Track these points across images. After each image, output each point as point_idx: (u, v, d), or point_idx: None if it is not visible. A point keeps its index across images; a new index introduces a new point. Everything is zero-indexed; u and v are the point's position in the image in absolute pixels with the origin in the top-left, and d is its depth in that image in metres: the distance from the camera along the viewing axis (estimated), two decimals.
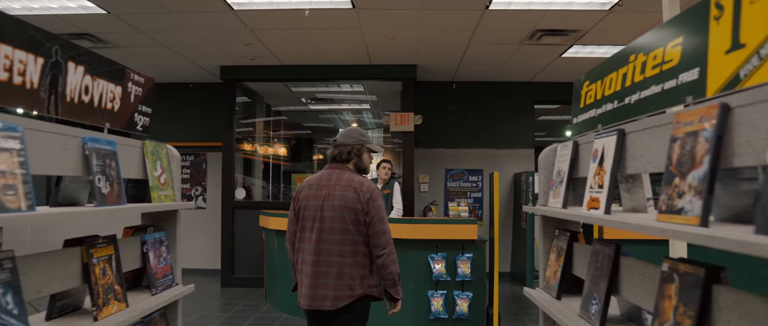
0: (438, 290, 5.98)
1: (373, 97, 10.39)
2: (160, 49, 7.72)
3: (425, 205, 9.33)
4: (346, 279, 3.04)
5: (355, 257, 3.07)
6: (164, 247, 2.48)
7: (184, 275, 8.97)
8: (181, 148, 9.53)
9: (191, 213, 9.62)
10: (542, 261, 2.56)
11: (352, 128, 3.42)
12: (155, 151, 2.46)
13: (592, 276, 2.01)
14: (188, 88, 9.70)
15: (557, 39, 7.16)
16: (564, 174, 2.28)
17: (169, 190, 2.48)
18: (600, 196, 1.87)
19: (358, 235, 3.08)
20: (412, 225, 6.08)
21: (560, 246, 2.39)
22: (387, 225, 3.14)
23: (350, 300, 3.04)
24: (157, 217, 2.56)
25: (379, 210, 3.11)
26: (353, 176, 3.21)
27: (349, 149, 3.28)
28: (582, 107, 2.31)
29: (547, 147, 2.57)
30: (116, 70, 2.19)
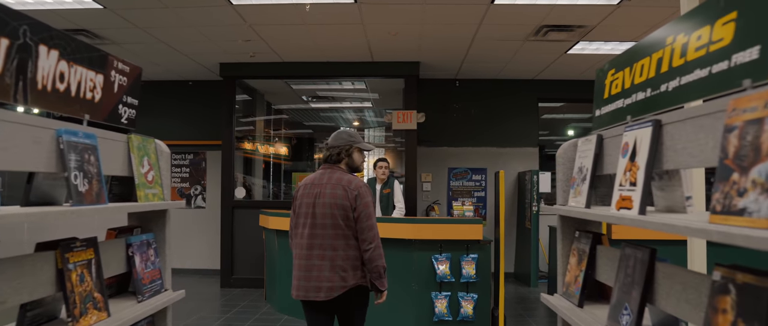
0: (442, 291, 5.78)
1: (374, 95, 10.18)
2: (158, 46, 7.51)
3: (428, 205, 9.12)
4: (339, 272, 3.23)
5: (347, 250, 3.27)
6: (152, 250, 2.27)
7: (182, 275, 8.68)
8: (180, 146, 9.42)
9: (190, 213, 9.42)
10: (561, 266, 2.34)
11: (341, 130, 3.60)
12: (142, 146, 2.25)
13: (622, 283, 1.80)
14: (187, 86, 9.49)
15: (563, 35, 6.95)
16: (587, 171, 2.07)
17: (157, 188, 2.28)
18: (633, 195, 1.66)
19: (348, 230, 3.29)
20: (416, 225, 5.87)
21: (582, 250, 2.18)
22: (374, 220, 3.33)
23: (343, 290, 3.23)
24: (144, 218, 2.35)
25: (366, 207, 3.30)
26: (343, 175, 3.41)
27: (338, 150, 3.49)
28: (606, 98, 2.10)
29: (566, 142, 2.36)
30: (97, 57, 1.98)
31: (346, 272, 3.25)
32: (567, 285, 2.26)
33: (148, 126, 9.40)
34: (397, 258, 5.85)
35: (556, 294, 2.34)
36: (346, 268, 3.25)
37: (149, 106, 9.41)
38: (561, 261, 2.34)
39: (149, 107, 9.42)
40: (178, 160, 9.46)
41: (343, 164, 3.51)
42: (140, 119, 8.23)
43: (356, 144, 3.53)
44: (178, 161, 9.46)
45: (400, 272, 5.86)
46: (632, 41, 7.20)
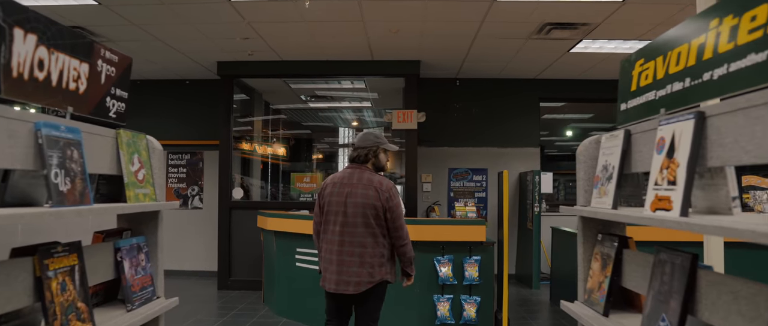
0: (444, 294, 5.62)
1: (374, 94, 10.00)
2: (154, 44, 7.32)
3: (428, 205, 8.95)
4: (367, 267, 3.48)
5: (375, 248, 3.52)
6: (143, 254, 2.09)
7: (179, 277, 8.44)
8: (177, 146, 9.23)
9: (187, 214, 9.23)
10: (582, 271, 2.17)
11: (368, 131, 3.80)
12: (132, 142, 2.07)
13: (657, 291, 1.62)
14: (184, 85, 9.30)
15: (567, 33, 6.78)
16: (614, 170, 1.90)
17: (148, 188, 2.10)
18: (672, 194, 1.48)
19: (377, 228, 3.53)
20: (417, 227, 5.70)
21: (606, 254, 2.01)
22: (403, 219, 3.62)
23: (370, 285, 3.50)
24: (135, 220, 2.17)
25: (397, 207, 3.57)
26: (373, 176, 3.63)
27: (366, 151, 3.69)
28: (634, 91, 1.92)
29: (587, 139, 2.18)
30: (81, 44, 1.80)
31: (373, 268, 3.50)
32: (589, 292, 2.09)
33: (144, 125, 9.18)
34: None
35: (577, 302, 2.17)
36: (373, 264, 3.51)
37: (146, 105, 9.24)
38: (582, 266, 2.17)
39: (146, 106, 9.25)
40: (175, 160, 9.27)
41: (370, 164, 3.73)
42: (136, 118, 8.06)
43: (382, 145, 3.76)
44: (175, 161, 9.27)
45: None
46: (636, 40, 7.05)
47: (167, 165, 9.28)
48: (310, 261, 6.14)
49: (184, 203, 9.24)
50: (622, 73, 2.05)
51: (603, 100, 9.36)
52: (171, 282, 8.75)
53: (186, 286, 8.42)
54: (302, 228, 6.18)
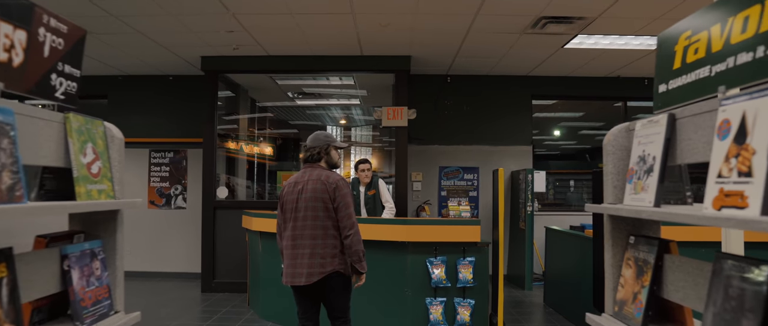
0: (437, 297, 5.30)
1: (363, 91, 9.66)
2: (135, 37, 6.93)
3: (418, 205, 8.64)
4: (318, 259, 3.57)
5: (325, 239, 3.60)
6: (98, 262, 1.74)
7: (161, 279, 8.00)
8: (160, 144, 8.82)
9: (170, 214, 8.84)
10: (610, 279, 1.85)
11: (317, 132, 3.91)
12: (86, 129, 1.72)
13: (720, 308, 1.31)
14: (168, 81, 8.91)
15: (562, 27, 6.49)
16: (655, 161, 1.58)
17: (105, 184, 1.75)
18: (746, 189, 1.17)
19: (327, 221, 3.62)
20: (409, 227, 5.38)
21: (642, 259, 1.70)
22: (352, 210, 3.66)
23: (321, 276, 3.57)
24: (90, 221, 1.82)
25: (344, 197, 3.63)
26: (322, 171, 3.75)
27: (317, 150, 3.82)
28: (677, 68, 1.61)
29: (616, 127, 1.87)
30: (17, 6, 1.45)
31: (324, 259, 3.58)
32: (620, 304, 1.77)
33: (125, 122, 8.82)
34: (389, 262, 5.36)
35: (606, 315, 1.85)
36: (324, 256, 3.58)
37: (127, 102, 8.86)
38: (611, 274, 1.85)
39: (127, 103, 8.86)
40: (157, 158, 8.88)
41: (323, 162, 3.85)
42: (117, 115, 7.65)
43: (332, 143, 3.88)
44: (157, 159, 8.88)
45: (393, 277, 5.37)
46: (632, 35, 6.78)
47: (150, 163, 8.89)
48: None
49: (167, 203, 8.84)
50: (661, 50, 1.74)
51: (595, 97, 9.12)
52: (153, 285, 8.41)
53: (168, 289, 8.03)
54: None
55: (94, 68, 8.40)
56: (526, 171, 7.98)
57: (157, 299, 7.38)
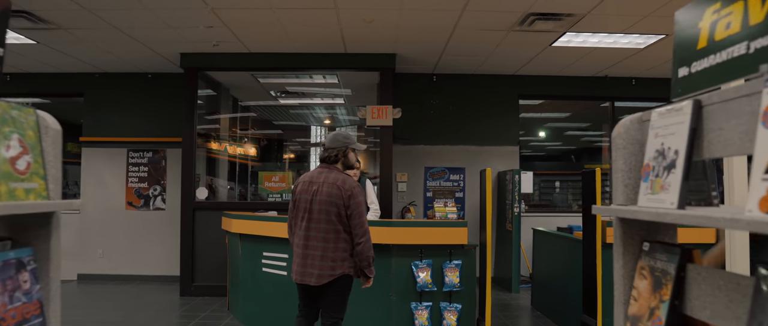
0: (423, 302, 5.06)
1: (347, 91, 9.41)
2: (111, 33, 6.62)
3: (403, 206, 8.40)
4: (329, 261, 3.65)
5: (337, 243, 3.67)
6: (27, 273, 1.47)
7: (139, 283, 7.70)
8: (139, 143, 8.48)
9: (149, 215, 8.52)
10: (621, 291, 1.61)
11: (337, 132, 3.95)
12: (11, 118, 1.45)
13: None
14: (146, 79, 8.59)
15: (551, 24, 6.28)
16: (678, 155, 1.34)
17: (36, 182, 1.48)
18: None
19: (339, 225, 3.68)
20: (394, 229, 5.14)
21: (660, 269, 1.45)
22: (365, 218, 3.75)
23: (331, 278, 3.67)
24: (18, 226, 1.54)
25: (358, 206, 3.70)
26: (339, 175, 3.78)
27: (335, 152, 3.84)
28: (703, 48, 1.37)
29: (626, 117, 1.63)
30: None
31: (335, 262, 3.66)
32: (634, 320, 1.53)
33: (103, 121, 8.51)
34: None
35: None
36: (335, 259, 3.66)
37: (105, 100, 8.56)
38: (621, 285, 1.61)
39: (105, 101, 8.56)
40: (136, 158, 8.55)
41: (340, 164, 3.87)
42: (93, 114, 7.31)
43: (351, 145, 3.89)
44: (136, 159, 8.55)
45: (377, 280, 5.05)
46: (621, 33, 6.60)
47: (128, 163, 8.56)
48: (277, 266, 5.53)
49: (145, 204, 8.52)
50: (680, 29, 1.50)
51: (583, 97, 8.95)
52: (130, 288, 8.09)
53: (145, 293, 7.72)
54: (269, 230, 5.57)
55: (69, 65, 8.07)
56: (513, 172, 7.77)
57: (134, 303, 7.08)
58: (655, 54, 7.37)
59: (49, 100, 9.27)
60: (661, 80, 8.59)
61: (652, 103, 9.49)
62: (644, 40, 6.84)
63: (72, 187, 10.40)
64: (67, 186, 11.05)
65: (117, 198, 8.53)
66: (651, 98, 9.04)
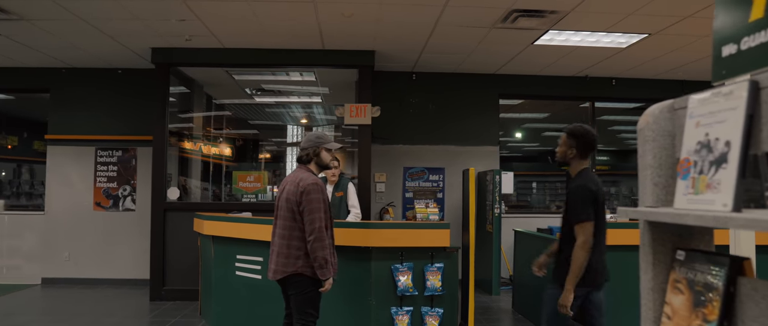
0: (403, 307, 4.82)
1: (325, 89, 9.11)
2: (77, 25, 6.25)
3: (382, 207, 8.14)
4: (283, 258, 3.68)
5: (291, 240, 3.68)
6: None
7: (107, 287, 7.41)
8: (108, 141, 8.06)
9: (118, 216, 8.12)
10: (649, 307, 1.36)
11: (311, 132, 3.96)
12: None
13: None
14: (116, 75, 8.19)
15: (534, 22, 6.09)
16: (730, 147, 1.11)
17: None
18: None
19: (295, 223, 3.69)
20: (373, 231, 4.89)
21: (702, 283, 1.21)
22: (318, 215, 3.63)
23: (284, 275, 3.68)
24: None
25: (310, 202, 3.63)
26: (303, 174, 3.79)
27: (307, 152, 3.85)
28: (759, 19, 1.14)
29: (655, 105, 1.38)
30: None
31: (288, 259, 3.66)
32: None
33: (70, 118, 8.08)
34: (351, 269, 4.84)
35: None
36: (288, 256, 3.66)
37: (72, 97, 8.18)
38: (649, 299, 1.36)
39: (72, 97, 8.18)
40: (104, 156, 8.15)
41: (313, 164, 3.88)
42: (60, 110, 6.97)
43: (323, 144, 3.86)
44: (104, 158, 8.15)
45: (356, 285, 4.86)
46: (604, 32, 6.45)
47: (96, 162, 8.15)
48: (251, 269, 5.24)
49: (114, 204, 8.12)
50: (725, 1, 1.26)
51: (563, 97, 8.80)
52: (98, 293, 7.68)
53: (114, 297, 7.34)
54: (242, 232, 5.27)
55: (34, 59, 7.65)
56: (494, 172, 7.57)
57: (101, 308, 6.72)
58: (636, 54, 7.24)
59: (12, 97, 8.81)
60: (641, 81, 8.49)
61: (632, 104, 9.47)
62: (626, 40, 6.69)
63: (38, 187, 9.94)
64: (33, 187, 10.57)
65: (84, 198, 8.12)
66: (631, 99, 8.98)
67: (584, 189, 3.37)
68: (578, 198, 3.36)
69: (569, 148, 3.51)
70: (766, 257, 3.01)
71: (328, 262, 3.65)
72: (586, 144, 3.47)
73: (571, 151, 3.50)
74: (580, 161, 3.52)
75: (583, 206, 3.33)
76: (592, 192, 3.36)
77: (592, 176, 3.48)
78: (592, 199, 3.35)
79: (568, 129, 3.53)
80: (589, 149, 3.49)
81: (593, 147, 3.51)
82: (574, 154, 3.50)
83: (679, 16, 5.87)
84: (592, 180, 3.43)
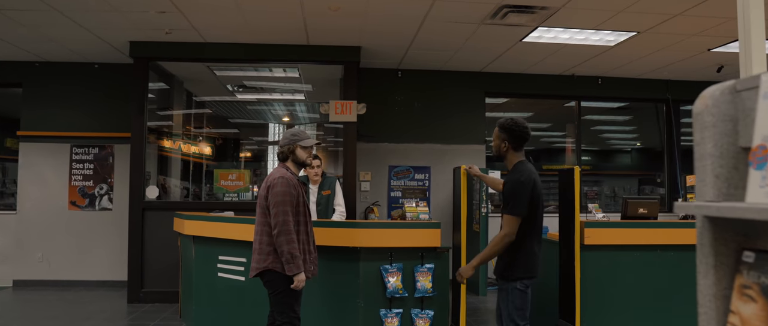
0: (392, 309, 4.64)
1: (308, 86, 8.87)
2: (52, 16, 5.95)
3: (367, 206, 7.94)
4: (256, 254, 3.64)
5: (262, 236, 3.63)
6: None
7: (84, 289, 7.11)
8: (84, 138, 7.72)
9: (95, 216, 7.80)
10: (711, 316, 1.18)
11: (288, 130, 3.95)
12: None
13: None
14: (93, 69, 7.86)
15: (524, 18, 5.94)
16: None
17: None
18: None
19: (264, 218, 3.64)
20: (361, 231, 4.72)
21: None
22: (282, 209, 3.54)
23: (257, 272, 3.63)
24: None
25: (275, 196, 3.56)
26: (276, 171, 3.73)
27: (283, 150, 3.78)
28: None
29: (712, 87, 1.21)
30: None
31: (260, 255, 3.60)
32: None
33: (44, 114, 7.76)
34: (339, 270, 4.65)
35: None
36: (261, 252, 3.60)
37: (46, 92, 7.85)
38: (711, 307, 1.18)
39: (46, 93, 7.86)
40: (80, 154, 7.82)
41: (290, 162, 3.79)
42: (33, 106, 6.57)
43: (298, 141, 3.76)
44: (80, 156, 7.82)
45: (344, 286, 4.66)
46: (593, 29, 6.34)
47: (71, 160, 7.82)
48: (234, 270, 5.00)
49: (90, 203, 7.80)
50: None
51: (549, 96, 8.70)
52: (74, 295, 7.34)
53: (90, 299, 7.03)
54: (225, 232, 5.04)
55: (5, 52, 7.29)
56: (481, 171, 7.38)
57: (77, 311, 6.43)
58: (623, 53, 7.16)
59: None
60: (627, 80, 8.44)
61: (616, 104, 9.41)
62: (615, 38, 6.59)
63: (10, 186, 9.55)
64: (4, 185, 10.16)
65: (59, 197, 7.77)
66: (616, 98, 8.93)
67: (517, 183, 3.41)
68: (510, 191, 3.42)
69: (502, 142, 3.54)
70: None
71: (295, 257, 3.52)
72: (518, 137, 3.50)
73: (504, 144, 3.53)
74: (515, 154, 3.54)
75: (514, 200, 3.37)
76: (524, 186, 3.38)
77: (527, 169, 3.48)
78: (526, 193, 3.38)
79: (499, 122, 3.56)
80: (521, 141, 3.52)
81: (525, 139, 3.53)
82: (507, 147, 3.52)
83: (669, 13, 5.77)
84: (525, 173, 3.44)
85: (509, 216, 3.40)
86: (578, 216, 4.78)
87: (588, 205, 5.55)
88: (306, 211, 3.77)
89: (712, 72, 7.94)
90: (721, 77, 8.22)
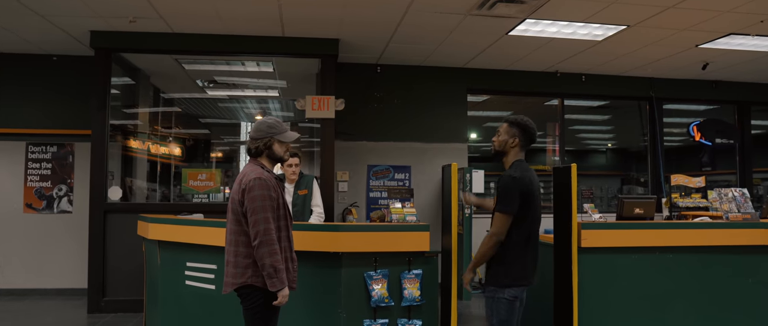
0: (377, 319, 4.22)
1: (282, 82, 8.39)
2: (5, 2, 5.37)
3: (345, 208, 7.50)
4: (232, 268, 3.11)
5: (237, 247, 3.11)
6: None
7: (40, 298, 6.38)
8: (41, 135, 6.99)
9: (52, 219, 7.21)
10: None
11: (261, 121, 3.29)
12: None
13: None
14: (51, 62, 7.26)
15: (513, 9, 5.59)
16: None
17: None
18: None
19: (240, 226, 3.11)
20: (343, 234, 4.28)
21: None
22: (263, 215, 3.03)
23: (233, 287, 3.11)
24: None
25: (253, 200, 3.04)
26: (250, 169, 3.19)
27: (257, 144, 3.24)
28: None
29: None
30: None
31: (237, 269, 3.09)
32: None
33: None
34: (318, 277, 4.23)
35: None
36: (237, 265, 3.09)
37: (0, 86, 7.16)
38: None
39: (0, 87, 7.16)
40: (37, 153, 7.21)
41: (264, 157, 3.27)
42: None
43: (276, 135, 3.23)
44: (37, 154, 7.21)
45: (324, 295, 4.23)
46: (582, 22, 6.05)
47: (27, 159, 7.20)
48: (203, 278, 4.53)
49: (48, 206, 7.19)
50: None
51: (532, 93, 8.41)
52: (30, 305, 6.74)
53: (47, 309, 6.46)
54: (193, 236, 4.56)
55: None
56: (464, 171, 7.05)
57: (33, 322, 5.88)
58: (609, 49, 6.90)
59: None
60: (611, 77, 8.23)
61: (597, 102, 9.16)
62: (603, 32, 6.31)
63: None
64: None
65: (13, 199, 7.16)
66: (600, 96, 8.69)
67: (510, 179, 3.22)
68: (502, 188, 3.23)
69: (512, 138, 3.35)
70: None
71: (279, 270, 3.02)
72: (530, 135, 3.36)
73: (513, 140, 3.34)
74: (519, 153, 3.37)
75: (505, 196, 3.19)
76: (517, 182, 3.20)
77: (524, 169, 3.29)
78: (519, 192, 3.19)
79: (511, 118, 3.38)
80: (530, 141, 3.38)
81: (533, 140, 3.40)
82: (516, 144, 3.34)
83: (661, 6, 5.49)
84: (521, 172, 3.25)
85: (498, 214, 3.20)
86: (575, 217, 4.42)
87: (584, 205, 5.20)
88: (287, 215, 3.28)
89: (696, 70, 7.74)
90: (705, 75, 8.02)
